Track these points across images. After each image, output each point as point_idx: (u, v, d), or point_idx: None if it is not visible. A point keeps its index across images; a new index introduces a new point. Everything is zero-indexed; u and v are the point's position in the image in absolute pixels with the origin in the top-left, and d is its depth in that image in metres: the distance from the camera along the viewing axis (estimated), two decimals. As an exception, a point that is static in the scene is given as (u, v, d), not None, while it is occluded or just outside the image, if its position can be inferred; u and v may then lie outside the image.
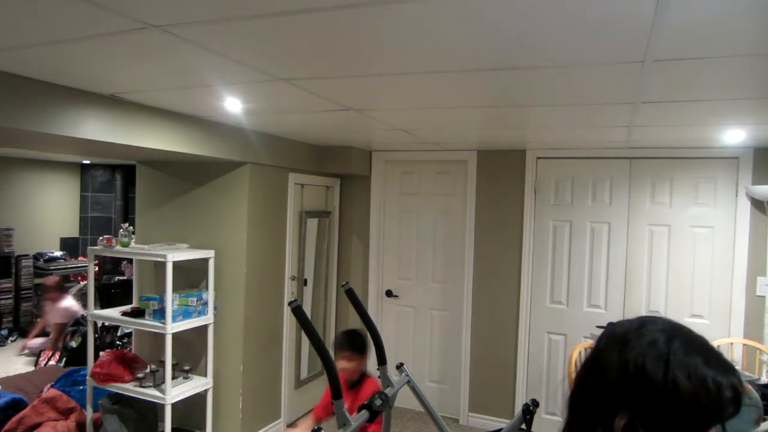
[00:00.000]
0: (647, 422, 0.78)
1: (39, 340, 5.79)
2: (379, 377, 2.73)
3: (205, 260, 3.61)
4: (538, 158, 4.13)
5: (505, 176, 4.23)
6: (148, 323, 3.39)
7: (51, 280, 5.87)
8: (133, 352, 3.90)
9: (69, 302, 5.72)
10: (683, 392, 0.77)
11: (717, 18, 1.30)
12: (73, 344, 5.23)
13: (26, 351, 5.78)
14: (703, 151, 3.68)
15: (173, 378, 3.38)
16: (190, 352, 3.75)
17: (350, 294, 2.74)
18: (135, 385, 3.38)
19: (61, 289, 5.78)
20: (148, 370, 3.46)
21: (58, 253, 7.18)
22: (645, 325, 0.86)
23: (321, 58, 1.77)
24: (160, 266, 3.69)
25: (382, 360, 2.76)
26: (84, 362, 3.84)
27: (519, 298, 4.19)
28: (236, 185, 3.65)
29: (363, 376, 2.78)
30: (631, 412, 0.79)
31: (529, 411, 2.12)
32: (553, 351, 4.13)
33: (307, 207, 4.35)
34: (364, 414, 2.04)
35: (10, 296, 6.61)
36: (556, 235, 4.12)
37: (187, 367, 3.60)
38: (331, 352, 2.37)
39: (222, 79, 2.12)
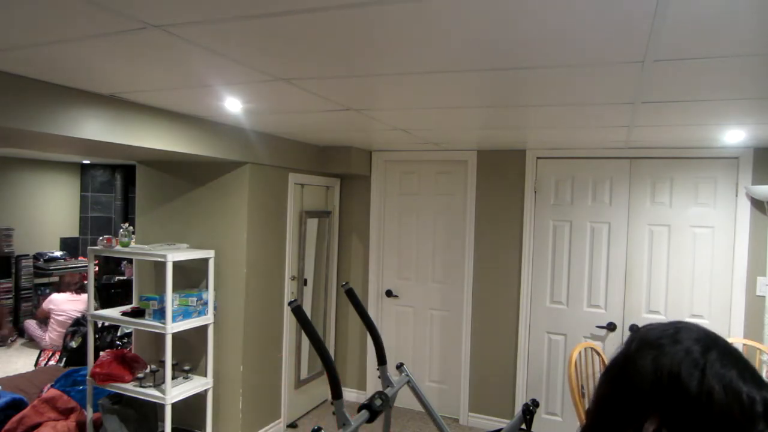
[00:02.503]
0: (676, 430, 0.78)
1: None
2: (379, 377, 2.74)
3: (205, 260, 3.61)
4: (538, 158, 4.13)
5: (505, 176, 4.23)
6: (148, 323, 3.39)
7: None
8: (133, 352, 3.90)
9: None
10: (717, 403, 0.77)
11: (717, 18, 1.30)
12: (73, 344, 5.23)
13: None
14: (703, 151, 3.68)
15: (173, 378, 3.38)
16: (190, 352, 3.75)
17: (350, 294, 2.74)
18: (135, 385, 3.38)
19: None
20: (148, 370, 3.46)
21: (58, 253, 7.18)
22: (680, 331, 0.85)
23: (321, 58, 1.77)
24: (160, 266, 3.69)
25: (382, 360, 2.76)
26: (84, 362, 3.84)
27: (519, 298, 4.19)
28: (236, 185, 3.65)
29: None
30: (661, 418, 0.79)
31: (529, 411, 2.12)
32: (553, 351, 4.13)
33: (307, 207, 4.35)
34: (364, 414, 2.04)
35: (10, 296, 6.61)
36: (556, 235, 4.12)
37: (187, 367, 3.60)
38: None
39: (222, 79, 2.12)
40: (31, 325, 6.02)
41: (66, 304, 5.67)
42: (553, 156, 4.09)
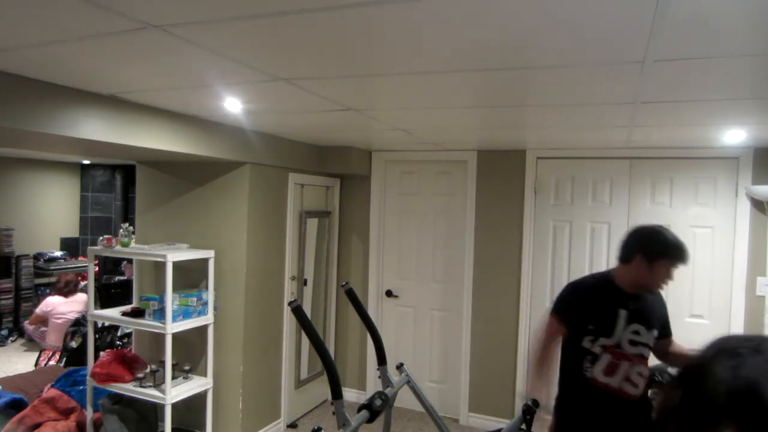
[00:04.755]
0: None
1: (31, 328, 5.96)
2: (379, 377, 2.73)
3: (205, 260, 3.61)
4: (538, 158, 4.13)
5: (505, 176, 4.23)
6: (148, 323, 3.39)
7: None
8: (133, 352, 3.90)
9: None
10: None
11: (717, 18, 1.30)
12: (73, 344, 5.23)
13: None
14: (703, 151, 3.68)
15: (173, 378, 3.38)
16: (190, 352, 3.75)
17: (350, 294, 2.74)
18: (135, 385, 3.38)
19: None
20: (148, 370, 3.46)
21: (58, 253, 7.18)
22: (763, 343, 0.81)
23: (321, 58, 1.77)
24: (160, 266, 3.69)
25: (382, 360, 2.76)
26: (84, 362, 3.84)
27: (519, 298, 4.18)
28: (236, 185, 3.65)
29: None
30: (738, 425, 0.76)
31: (530, 411, 2.12)
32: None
33: (307, 207, 4.35)
34: (364, 414, 2.04)
35: (10, 296, 6.60)
36: (556, 235, 4.12)
37: (187, 367, 3.60)
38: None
39: (222, 79, 2.12)
40: (30, 326, 6.03)
41: (62, 307, 5.66)
42: (553, 156, 4.09)
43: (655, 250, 2.26)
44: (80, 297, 5.73)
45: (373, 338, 2.78)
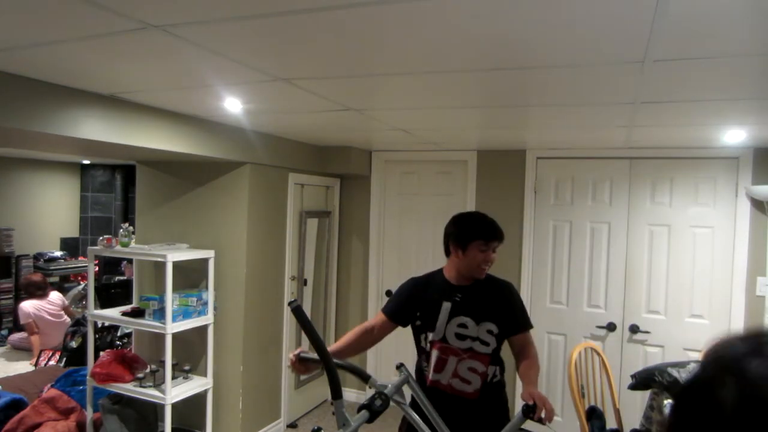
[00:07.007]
0: None
1: (18, 335, 6.01)
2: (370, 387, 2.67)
3: (205, 260, 3.61)
4: (538, 158, 4.13)
5: (505, 176, 4.23)
6: (148, 323, 3.39)
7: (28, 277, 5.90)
8: (133, 352, 3.90)
9: (25, 303, 5.70)
10: None
11: (717, 18, 1.30)
12: (73, 344, 5.23)
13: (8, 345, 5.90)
14: (703, 151, 3.67)
15: (173, 378, 3.38)
16: (190, 352, 3.75)
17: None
18: (135, 385, 3.38)
19: (32, 288, 5.77)
20: (148, 370, 3.46)
21: (58, 253, 7.18)
22: (763, 341, 0.67)
23: (321, 58, 1.77)
24: (160, 266, 3.69)
25: (365, 377, 2.38)
26: (84, 362, 3.84)
27: (519, 298, 4.18)
28: (236, 185, 3.65)
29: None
30: None
31: (531, 410, 2.11)
32: (553, 351, 4.13)
33: (307, 207, 4.35)
34: (364, 414, 2.04)
35: (10, 296, 6.60)
36: (556, 235, 4.12)
37: (187, 367, 3.60)
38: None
39: (222, 79, 2.12)
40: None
41: (39, 311, 5.70)
42: (553, 156, 4.09)
43: (462, 234, 2.28)
44: (55, 297, 5.77)
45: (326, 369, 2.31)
